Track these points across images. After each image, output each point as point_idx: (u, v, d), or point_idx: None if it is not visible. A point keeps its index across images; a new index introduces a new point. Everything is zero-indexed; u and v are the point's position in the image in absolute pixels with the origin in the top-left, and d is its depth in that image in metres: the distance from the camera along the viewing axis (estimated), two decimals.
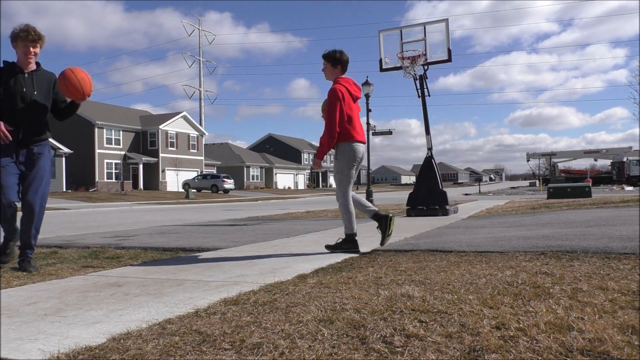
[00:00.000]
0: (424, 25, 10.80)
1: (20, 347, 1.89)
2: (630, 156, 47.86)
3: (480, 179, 65.98)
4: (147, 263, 4.20)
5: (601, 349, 1.66)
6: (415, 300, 2.43)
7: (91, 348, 1.84)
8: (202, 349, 1.80)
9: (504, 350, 1.69)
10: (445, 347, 1.74)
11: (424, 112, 10.87)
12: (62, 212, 17.66)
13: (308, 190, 59.65)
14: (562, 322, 1.97)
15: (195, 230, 7.83)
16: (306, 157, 76.92)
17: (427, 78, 10.72)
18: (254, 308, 2.39)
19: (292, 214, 12.57)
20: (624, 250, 3.81)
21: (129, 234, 7.27)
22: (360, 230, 6.92)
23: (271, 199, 33.05)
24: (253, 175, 62.22)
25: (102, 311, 2.45)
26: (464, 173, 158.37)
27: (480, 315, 2.11)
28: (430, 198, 10.08)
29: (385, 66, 10.99)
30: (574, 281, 2.79)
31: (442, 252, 4.26)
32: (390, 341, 1.82)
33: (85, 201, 28.34)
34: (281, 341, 1.85)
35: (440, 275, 3.11)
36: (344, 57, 4.46)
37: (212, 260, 4.28)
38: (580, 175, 51.11)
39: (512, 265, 3.40)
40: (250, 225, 8.76)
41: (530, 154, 53.63)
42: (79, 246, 5.58)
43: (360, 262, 3.88)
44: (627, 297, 2.36)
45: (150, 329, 2.09)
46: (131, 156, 45.35)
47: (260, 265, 3.87)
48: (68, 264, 4.23)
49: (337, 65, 4.44)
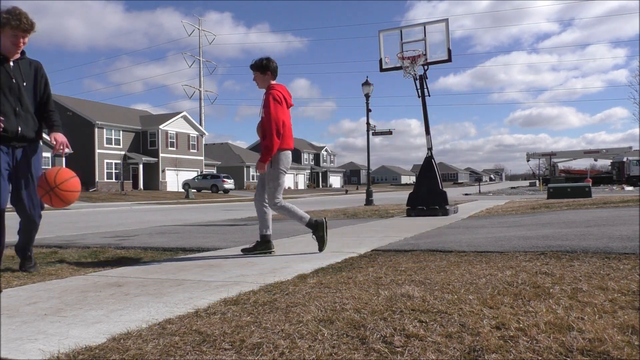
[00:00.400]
0: (424, 25, 10.81)
1: (20, 347, 1.89)
2: (630, 156, 47.85)
3: (480, 179, 65.96)
4: (147, 263, 4.20)
5: (601, 349, 1.66)
6: (415, 300, 2.43)
7: (91, 348, 1.84)
8: (202, 349, 1.80)
9: (504, 350, 1.69)
10: (445, 347, 1.74)
11: (424, 112, 10.88)
12: (62, 212, 17.65)
13: (308, 190, 59.65)
14: (562, 322, 1.97)
15: (195, 230, 7.83)
16: (306, 157, 76.92)
17: (427, 78, 10.72)
18: (254, 308, 2.39)
19: None
20: (624, 250, 3.81)
21: (129, 234, 7.27)
22: (360, 230, 6.94)
23: None
24: (253, 175, 62.20)
25: (102, 311, 2.45)
26: (464, 173, 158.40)
27: (480, 315, 2.11)
28: (430, 198, 10.08)
29: (385, 66, 11.00)
30: (574, 281, 2.79)
31: (442, 252, 4.26)
32: (390, 341, 1.82)
33: (85, 201, 28.35)
34: (281, 341, 1.85)
35: (440, 275, 3.11)
36: (272, 64, 4.50)
37: (212, 260, 4.28)
38: (580, 175, 51.12)
39: (512, 265, 3.40)
40: (250, 225, 8.75)
41: (530, 154, 53.62)
42: (79, 246, 5.58)
43: (360, 262, 3.88)
44: (627, 297, 2.36)
45: (150, 329, 2.09)
46: (131, 156, 45.35)
47: (260, 265, 3.87)
48: (68, 264, 4.23)
49: (266, 72, 4.48)
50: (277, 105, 4.32)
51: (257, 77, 4.52)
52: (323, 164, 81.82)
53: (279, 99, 4.35)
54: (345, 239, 5.76)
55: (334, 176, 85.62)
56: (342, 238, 5.84)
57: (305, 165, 74.89)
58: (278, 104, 4.34)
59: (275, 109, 4.31)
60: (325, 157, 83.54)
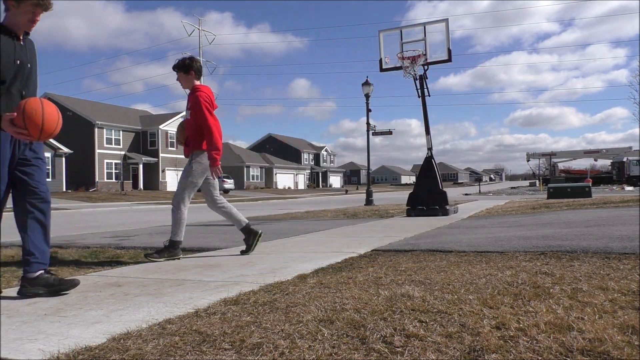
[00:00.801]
0: (424, 25, 10.80)
1: (20, 347, 1.89)
2: (630, 156, 47.83)
3: (480, 179, 65.95)
4: (147, 263, 4.20)
5: (601, 349, 1.66)
6: (415, 300, 2.43)
7: (91, 348, 1.84)
8: (202, 349, 1.80)
9: (504, 350, 1.69)
10: (445, 347, 1.74)
11: (424, 112, 10.88)
12: (62, 212, 17.65)
13: (308, 190, 59.65)
14: (562, 322, 1.97)
15: (195, 230, 7.83)
16: (306, 157, 76.92)
17: (427, 78, 10.72)
18: (254, 308, 2.39)
19: (292, 214, 12.57)
20: (624, 250, 3.81)
21: (129, 234, 7.27)
22: (360, 230, 6.93)
23: (271, 199, 33.05)
24: (253, 175, 62.23)
25: (102, 311, 2.45)
26: (464, 173, 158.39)
27: (480, 315, 2.11)
28: (430, 198, 10.08)
29: (385, 66, 11.00)
30: (574, 281, 2.79)
31: (442, 252, 4.26)
32: (390, 341, 1.82)
33: (85, 201, 28.35)
34: (281, 341, 1.85)
35: (440, 275, 3.11)
36: (196, 63, 4.48)
37: (212, 260, 4.28)
38: (580, 175, 51.08)
39: (512, 265, 3.40)
40: (250, 225, 8.75)
41: (530, 154, 53.61)
42: (79, 246, 5.58)
43: (360, 262, 3.88)
44: (627, 297, 2.36)
45: (150, 329, 2.09)
46: (131, 156, 45.34)
47: (260, 265, 3.87)
48: (68, 264, 4.23)
49: (189, 71, 4.44)
50: (211, 110, 4.36)
51: (180, 77, 4.48)
52: (323, 164, 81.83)
53: (208, 101, 4.37)
54: (345, 239, 5.76)
55: (334, 176, 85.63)
56: (342, 238, 5.84)
57: (305, 165, 74.89)
58: (210, 107, 4.37)
59: (210, 113, 4.35)
60: (325, 157, 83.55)
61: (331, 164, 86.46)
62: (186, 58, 4.48)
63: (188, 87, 4.50)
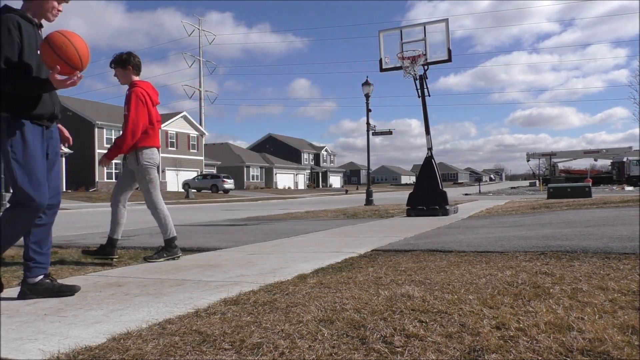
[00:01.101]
0: (424, 25, 10.81)
1: (20, 347, 1.89)
2: (630, 156, 47.82)
3: (480, 179, 65.87)
4: (147, 263, 4.20)
5: (601, 349, 1.66)
6: (415, 300, 2.43)
7: (91, 348, 1.84)
8: (202, 349, 1.80)
9: (504, 350, 1.69)
10: (445, 347, 1.74)
11: (424, 112, 10.88)
12: (62, 212, 17.65)
13: (308, 191, 59.63)
14: (562, 322, 1.97)
15: (195, 230, 7.83)
16: (306, 157, 76.93)
17: (427, 78, 10.73)
18: (254, 308, 2.39)
19: (292, 214, 12.57)
20: (624, 250, 3.81)
21: (129, 234, 7.27)
22: (360, 230, 6.94)
23: (271, 199, 33.05)
24: (253, 175, 62.21)
25: (102, 311, 2.45)
26: (464, 173, 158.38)
27: (480, 315, 2.11)
28: (430, 198, 10.08)
29: (385, 66, 11.00)
30: (574, 281, 2.79)
31: (442, 252, 4.26)
32: (390, 341, 1.82)
33: (85, 201, 28.35)
34: (281, 341, 1.85)
35: (440, 275, 3.11)
36: (134, 59, 4.35)
37: (212, 260, 4.28)
38: (580, 175, 51.07)
39: (512, 265, 3.40)
40: (250, 225, 8.76)
41: (531, 154, 53.60)
42: (79, 246, 5.58)
43: (360, 262, 3.88)
44: (627, 297, 2.36)
45: (150, 329, 2.09)
46: None
47: (260, 265, 3.87)
48: (68, 264, 4.23)
49: (127, 66, 4.31)
50: (138, 106, 4.21)
51: (118, 73, 4.34)
52: (323, 164, 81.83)
53: (142, 98, 4.24)
54: (345, 239, 5.76)
55: (334, 176, 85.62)
56: (342, 238, 5.84)
57: (305, 165, 74.88)
58: (140, 104, 4.22)
59: (136, 109, 4.19)
60: (325, 157, 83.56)
61: (331, 164, 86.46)
62: (123, 53, 4.35)
63: (126, 82, 4.35)
